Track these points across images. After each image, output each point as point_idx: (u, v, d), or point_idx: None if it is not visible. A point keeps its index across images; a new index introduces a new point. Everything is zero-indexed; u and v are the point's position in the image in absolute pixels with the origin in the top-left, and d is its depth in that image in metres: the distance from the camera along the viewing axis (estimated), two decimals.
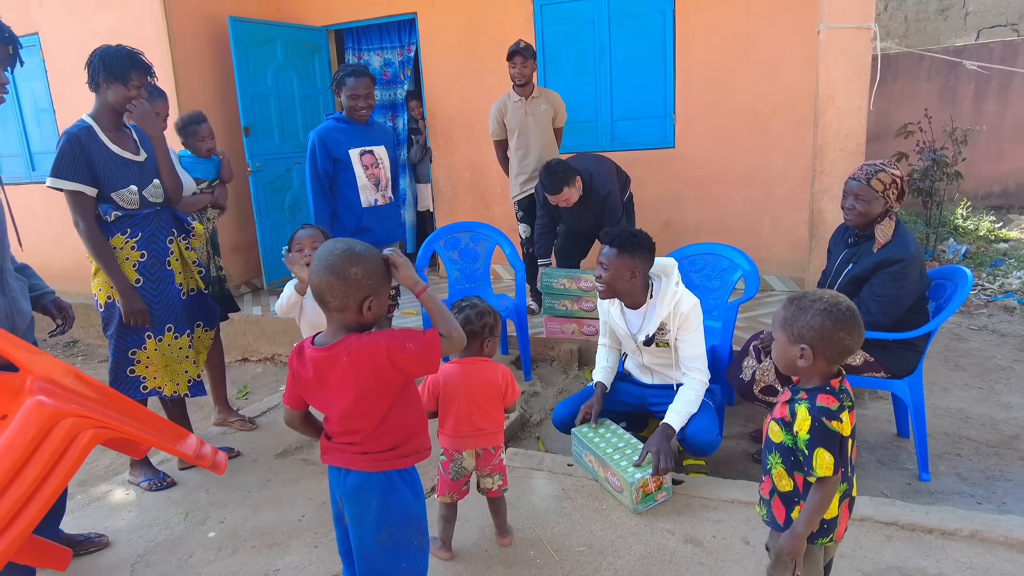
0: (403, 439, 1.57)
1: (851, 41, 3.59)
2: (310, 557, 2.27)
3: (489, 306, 2.14)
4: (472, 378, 2.08)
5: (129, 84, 2.53)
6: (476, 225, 4.19)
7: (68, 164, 2.46)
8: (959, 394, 3.43)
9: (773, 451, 1.56)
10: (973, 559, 1.99)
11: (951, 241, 6.23)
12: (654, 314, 2.54)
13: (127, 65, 2.52)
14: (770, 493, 1.58)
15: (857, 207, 2.58)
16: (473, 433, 2.08)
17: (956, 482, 2.67)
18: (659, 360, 2.65)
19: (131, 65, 2.53)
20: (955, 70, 7.68)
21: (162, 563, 2.28)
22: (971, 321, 4.50)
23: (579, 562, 2.09)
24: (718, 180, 4.95)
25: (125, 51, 2.53)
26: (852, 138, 3.72)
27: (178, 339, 2.75)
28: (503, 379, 2.11)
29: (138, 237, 2.62)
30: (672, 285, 2.53)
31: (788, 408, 1.51)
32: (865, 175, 2.57)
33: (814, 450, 1.44)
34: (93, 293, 2.67)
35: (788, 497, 1.54)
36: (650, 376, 2.74)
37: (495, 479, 2.15)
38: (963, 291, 2.50)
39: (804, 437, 1.45)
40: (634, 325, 2.62)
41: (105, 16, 5.17)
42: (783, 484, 1.54)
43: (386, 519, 1.56)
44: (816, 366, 1.50)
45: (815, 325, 1.47)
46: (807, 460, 1.45)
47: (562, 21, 5.17)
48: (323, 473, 2.86)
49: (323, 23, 5.90)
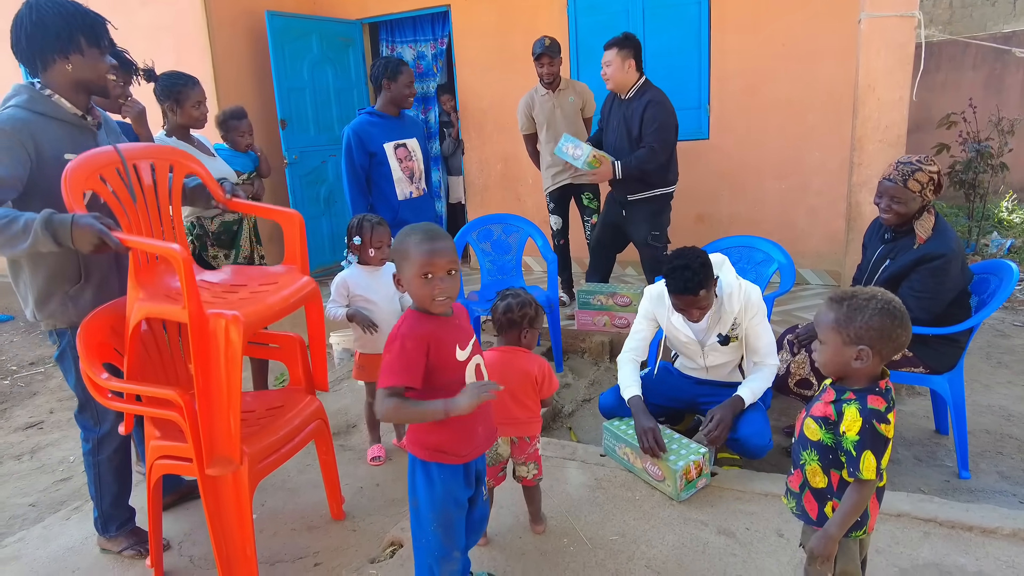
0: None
1: (893, 30, 3.51)
2: (348, 540, 2.34)
3: (532, 298, 2.16)
4: (508, 367, 2.11)
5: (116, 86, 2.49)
6: (508, 217, 4.22)
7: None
8: (1001, 391, 3.35)
9: (809, 448, 1.55)
10: (1015, 558, 1.96)
11: (995, 235, 6.06)
12: (725, 312, 2.49)
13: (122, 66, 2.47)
14: (800, 487, 1.58)
15: (894, 207, 2.52)
16: (508, 421, 2.11)
17: (997, 480, 2.62)
18: (724, 359, 2.60)
19: (123, 66, 2.53)
20: (1002, 58, 7.43)
21: (206, 542, 2.36)
22: (1015, 317, 4.38)
23: (612, 551, 2.11)
24: (753, 172, 4.89)
25: (117, 53, 2.39)
26: (892, 129, 3.65)
27: None
28: (539, 370, 2.12)
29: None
30: (733, 279, 2.50)
31: (833, 408, 1.49)
32: (901, 176, 2.48)
33: (862, 452, 1.42)
34: None
35: (821, 493, 1.54)
36: (705, 373, 2.69)
37: (530, 468, 2.18)
38: (1008, 286, 2.45)
39: (853, 438, 1.43)
40: (699, 329, 2.57)
41: (147, 11, 5.30)
42: (817, 480, 1.54)
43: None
44: (870, 367, 1.47)
45: (875, 325, 1.43)
46: (853, 461, 1.43)
47: (596, 12, 5.14)
48: (360, 459, 2.93)
49: (357, 16, 5.97)
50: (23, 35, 1.95)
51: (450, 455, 1.65)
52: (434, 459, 1.65)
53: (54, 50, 1.96)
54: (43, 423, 4.11)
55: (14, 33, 1.96)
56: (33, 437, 3.90)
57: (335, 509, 2.47)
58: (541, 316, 2.19)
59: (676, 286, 2.35)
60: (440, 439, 1.64)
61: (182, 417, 1.88)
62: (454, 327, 1.62)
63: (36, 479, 3.34)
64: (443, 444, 1.64)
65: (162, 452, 2.09)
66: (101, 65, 2.04)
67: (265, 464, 2.07)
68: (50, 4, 1.94)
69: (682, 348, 2.67)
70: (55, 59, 1.98)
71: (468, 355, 1.65)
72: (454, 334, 1.61)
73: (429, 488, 1.65)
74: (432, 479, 1.64)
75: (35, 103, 1.99)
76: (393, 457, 2.92)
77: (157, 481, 2.16)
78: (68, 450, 3.65)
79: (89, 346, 2.01)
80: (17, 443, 3.82)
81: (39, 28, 1.94)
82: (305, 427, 2.28)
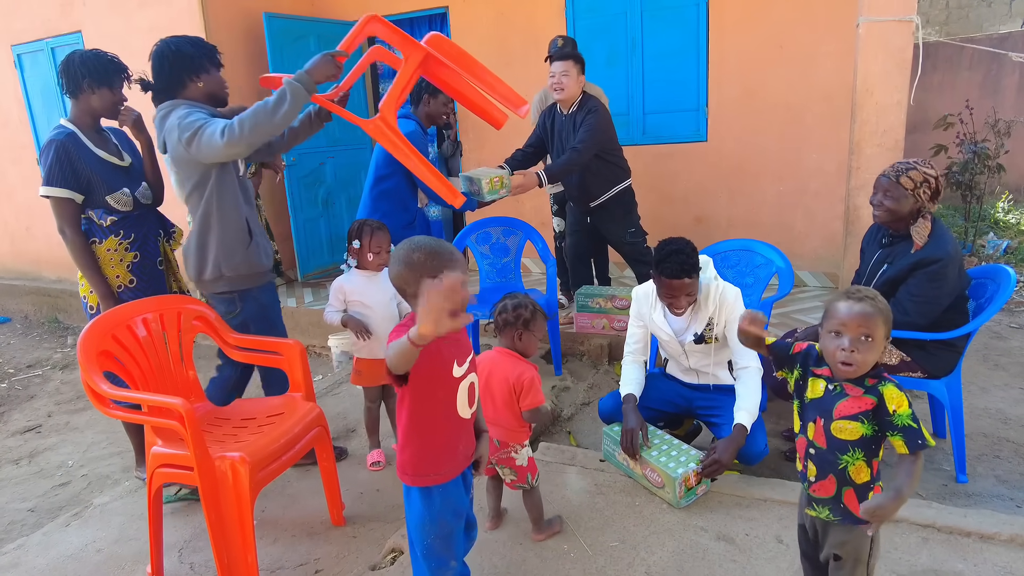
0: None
1: (892, 34, 3.51)
2: (349, 547, 2.34)
3: (531, 300, 2.15)
4: (493, 368, 2.10)
5: (115, 89, 2.55)
6: (507, 220, 4.21)
7: (59, 172, 2.46)
8: (998, 394, 3.37)
9: (851, 449, 1.50)
10: (1012, 564, 1.97)
11: (991, 236, 6.08)
12: (700, 311, 2.51)
13: (111, 70, 2.53)
14: (836, 492, 1.53)
15: (885, 203, 2.55)
16: (490, 420, 2.09)
17: (995, 484, 2.64)
18: (706, 360, 2.61)
19: (115, 69, 2.55)
20: (998, 59, 7.44)
21: (207, 548, 2.36)
22: (1012, 319, 4.41)
23: (612, 557, 2.12)
24: (751, 174, 4.90)
25: (106, 56, 2.55)
26: (890, 133, 3.65)
27: None
28: (518, 379, 2.07)
29: (131, 239, 2.65)
30: (711, 279, 2.52)
31: (870, 396, 1.47)
32: (895, 172, 2.54)
33: (919, 422, 1.41)
34: (82, 296, 2.70)
35: (865, 486, 1.52)
36: (696, 377, 2.70)
37: (505, 472, 2.19)
38: (1005, 292, 2.46)
39: (907, 411, 1.42)
40: (678, 327, 2.59)
41: (146, 13, 5.29)
42: (861, 476, 1.51)
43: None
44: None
45: (890, 320, 1.48)
46: (916, 433, 1.40)
47: (594, 14, 5.14)
48: (360, 464, 2.93)
49: (356, 18, 5.85)
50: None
51: (438, 475, 1.61)
52: (425, 483, 1.61)
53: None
54: (41, 427, 4.11)
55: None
56: (31, 441, 3.90)
57: (335, 515, 2.48)
58: (538, 319, 2.16)
59: (670, 270, 2.36)
60: (421, 462, 1.60)
61: (182, 426, 1.88)
62: (453, 341, 1.58)
63: (35, 484, 3.34)
64: (423, 468, 1.60)
65: (163, 460, 2.10)
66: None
67: (266, 472, 2.08)
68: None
69: (667, 347, 2.70)
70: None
71: (464, 373, 1.60)
72: (453, 349, 1.57)
73: (427, 503, 1.62)
74: (432, 494, 1.62)
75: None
76: (393, 462, 2.92)
77: (158, 489, 2.17)
78: (66, 454, 3.65)
79: (89, 355, 2.01)
80: (15, 447, 3.82)
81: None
82: (306, 434, 2.29)
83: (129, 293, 2.64)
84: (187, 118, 2.34)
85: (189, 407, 1.87)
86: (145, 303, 2.34)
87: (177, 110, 2.40)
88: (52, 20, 5.81)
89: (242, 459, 1.96)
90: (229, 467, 1.95)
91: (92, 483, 3.29)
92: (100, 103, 2.55)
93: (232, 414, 2.40)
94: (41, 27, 5.89)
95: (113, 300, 2.57)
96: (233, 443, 2.14)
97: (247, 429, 2.26)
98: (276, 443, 2.13)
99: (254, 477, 1.99)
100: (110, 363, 2.10)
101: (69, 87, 2.53)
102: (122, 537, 2.49)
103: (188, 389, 2.38)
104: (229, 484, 1.95)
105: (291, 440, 2.20)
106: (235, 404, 2.54)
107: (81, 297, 2.72)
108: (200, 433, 1.91)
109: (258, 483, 2.03)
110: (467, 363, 1.61)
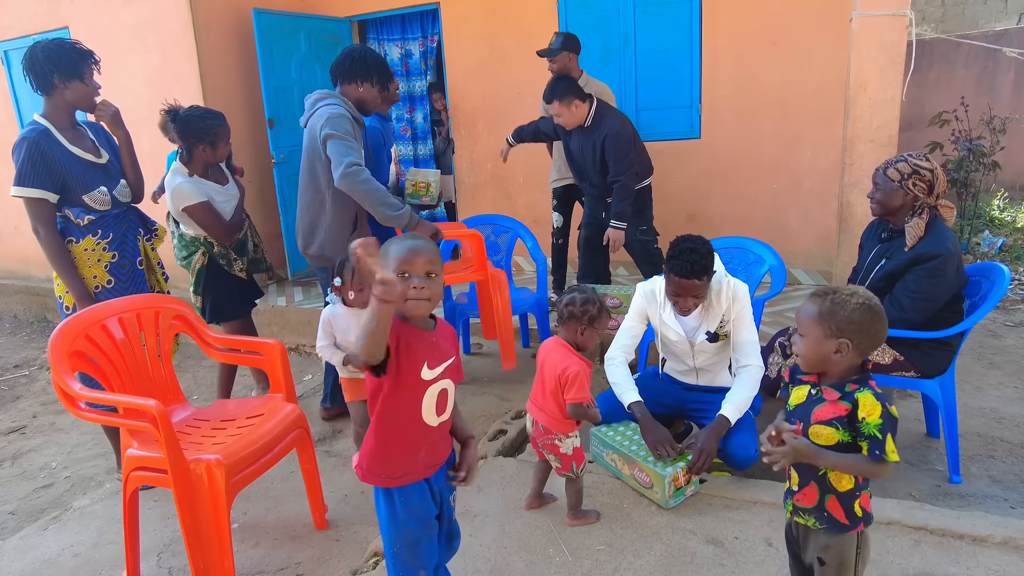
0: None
1: (885, 29, 3.47)
2: (331, 550, 2.30)
3: (599, 297, 2.17)
4: (547, 356, 2.19)
5: (87, 79, 2.44)
6: (498, 218, 4.17)
7: (31, 171, 2.38)
8: (993, 393, 3.34)
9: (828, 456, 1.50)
10: (1006, 567, 1.93)
11: (987, 233, 6.05)
12: (713, 308, 2.45)
13: (78, 60, 2.42)
14: (818, 500, 1.53)
15: (876, 196, 2.57)
16: (536, 404, 2.24)
17: (988, 485, 2.60)
18: (713, 359, 2.56)
19: (82, 58, 2.42)
20: (994, 56, 7.42)
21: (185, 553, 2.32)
22: (1007, 317, 4.37)
23: (599, 561, 2.07)
24: (745, 171, 4.86)
25: (70, 45, 2.42)
26: (884, 130, 3.62)
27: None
28: (565, 372, 2.10)
29: (109, 238, 2.59)
30: (722, 275, 2.46)
31: (844, 402, 1.47)
32: (885, 165, 2.56)
33: (886, 435, 1.41)
34: (58, 295, 2.64)
35: (848, 495, 1.50)
36: (695, 377, 2.64)
37: (551, 458, 2.25)
38: (1000, 289, 2.42)
39: (876, 422, 1.42)
40: (690, 327, 2.53)
41: (132, 10, 5.23)
42: (843, 484, 1.50)
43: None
44: (847, 360, 1.49)
45: (855, 319, 1.46)
46: (879, 444, 1.41)
47: (587, 10, 5.09)
48: (345, 465, 2.88)
49: (346, 14, 5.90)
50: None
51: (390, 478, 1.55)
52: (377, 483, 1.56)
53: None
54: (26, 427, 4.05)
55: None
56: (15, 442, 3.84)
57: (318, 518, 2.43)
58: (603, 317, 2.15)
59: (682, 268, 2.28)
60: (374, 460, 1.55)
61: (155, 428, 1.83)
62: (429, 343, 1.51)
63: (17, 486, 3.29)
64: (375, 466, 1.55)
65: (139, 463, 2.05)
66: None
67: (244, 475, 2.03)
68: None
69: (672, 347, 2.62)
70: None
71: (435, 377, 1.52)
72: (427, 350, 1.50)
73: (390, 509, 1.57)
74: (392, 500, 1.56)
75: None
76: None
77: (133, 492, 2.12)
78: (50, 456, 3.60)
79: (60, 356, 1.96)
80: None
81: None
82: (286, 436, 2.24)
83: (106, 294, 2.59)
84: (341, 126, 2.67)
85: (162, 409, 1.82)
86: (121, 302, 2.29)
87: (336, 107, 2.74)
88: (39, 16, 5.74)
89: (218, 462, 1.91)
90: (205, 470, 1.90)
91: (75, 485, 3.24)
92: (74, 96, 2.47)
93: (212, 415, 2.35)
94: (28, 23, 5.82)
95: (89, 301, 2.50)
96: (211, 445, 2.09)
97: (226, 431, 2.21)
98: (254, 445, 2.08)
99: (231, 480, 1.94)
100: (84, 364, 2.05)
101: (39, 84, 2.43)
102: (100, 541, 2.44)
103: (166, 390, 2.33)
104: (205, 487, 1.90)
105: (270, 442, 2.15)
106: (215, 405, 2.49)
107: (57, 297, 2.67)
108: (174, 435, 1.86)
109: (235, 486, 1.98)
110: (441, 368, 1.53)
